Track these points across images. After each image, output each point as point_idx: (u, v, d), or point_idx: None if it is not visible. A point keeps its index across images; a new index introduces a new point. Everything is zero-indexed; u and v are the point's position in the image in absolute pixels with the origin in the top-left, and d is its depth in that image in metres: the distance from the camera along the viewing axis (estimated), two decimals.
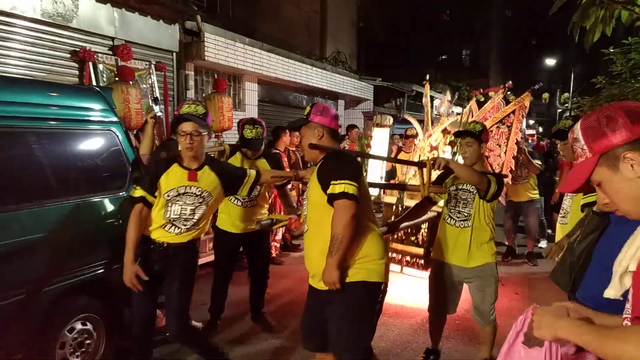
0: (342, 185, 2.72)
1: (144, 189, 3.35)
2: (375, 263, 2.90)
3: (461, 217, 3.78)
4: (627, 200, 1.38)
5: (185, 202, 3.35)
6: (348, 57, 16.70)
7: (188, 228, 3.39)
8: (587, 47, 4.39)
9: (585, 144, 1.40)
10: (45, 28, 5.84)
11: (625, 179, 1.35)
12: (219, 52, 8.55)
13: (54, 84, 4.24)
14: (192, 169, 3.39)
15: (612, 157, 1.36)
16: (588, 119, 1.42)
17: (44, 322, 3.36)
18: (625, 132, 1.33)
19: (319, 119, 2.98)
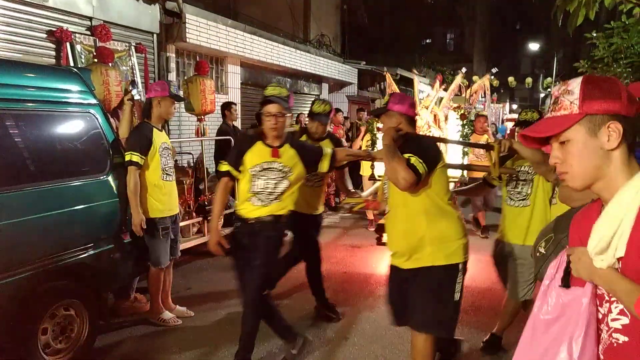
0: (412, 157, 2.94)
1: (230, 164, 3.62)
2: (454, 244, 3.09)
3: (520, 197, 3.91)
4: (584, 168, 1.37)
5: (269, 176, 3.57)
6: (332, 41, 16.60)
7: (271, 201, 3.58)
8: (570, 31, 4.39)
9: (579, 98, 1.36)
10: (21, 7, 5.70)
11: (595, 148, 1.35)
12: (201, 33, 8.42)
13: (31, 65, 4.13)
14: (275, 146, 3.60)
15: (597, 122, 1.34)
16: (592, 79, 1.40)
17: (25, 308, 3.31)
18: (620, 105, 1.33)
19: (397, 107, 3.21)
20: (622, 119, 1.33)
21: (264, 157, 3.56)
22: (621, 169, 1.36)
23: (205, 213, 5.89)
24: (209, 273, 5.95)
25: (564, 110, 1.38)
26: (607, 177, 1.37)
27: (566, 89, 1.40)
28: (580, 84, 1.38)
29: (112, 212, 4.07)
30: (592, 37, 7.00)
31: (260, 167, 3.55)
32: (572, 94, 1.38)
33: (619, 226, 1.30)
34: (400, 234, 3.15)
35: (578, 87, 1.38)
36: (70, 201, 3.68)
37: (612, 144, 1.33)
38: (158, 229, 4.31)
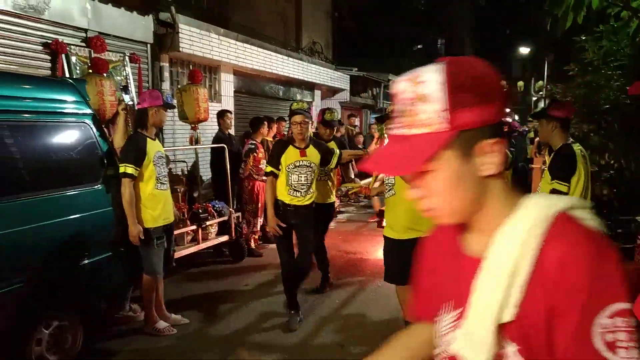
0: None
1: (272, 165, 4.62)
2: None
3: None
4: (457, 204, 0.98)
5: (300, 172, 4.59)
6: (324, 48, 16.66)
7: (305, 191, 4.64)
8: (558, 35, 4.45)
9: (447, 108, 0.91)
10: (17, 20, 5.71)
11: (471, 175, 0.95)
12: (194, 43, 8.45)
13: (27, 77, 4.17)
14: (302, 148, 4.61)
15: (471, 139, 0.93)
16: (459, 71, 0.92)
17: (19, 317, 3.32)
18: (496, 109, 0.93)
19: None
20: (497, 129, 0.94)
21: (295, 157, 4.58)
22: (502, 198, 0.99)
23: (200, 221, 5.90)
24: (204, 281, 5.95)
25: (423, 127, 0.93)
26: (483, 210, 0.99)
27: (420, 92, 0.93)
28: (445, 83, 0.91)
29: (106, 221, 4.08)
30: (581, 41, 7.07)
31: (293, 165, 4.58)
32: (431, 100, 0.92)
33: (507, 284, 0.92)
34: (405, 210, 3.75)
35: (441, 88, 0.91)
36: (65, 211, 3.70)
37: (493, 168, 0.95)
38: (152, 238, 4.32)
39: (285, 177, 4.60)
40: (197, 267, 6.40)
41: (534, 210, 0.96)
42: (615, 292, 0.87)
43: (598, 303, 0.86)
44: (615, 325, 0.85)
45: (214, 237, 6.22)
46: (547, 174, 3.83)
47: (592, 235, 0.92)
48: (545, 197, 1.00)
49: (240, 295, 5.43)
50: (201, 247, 5.92)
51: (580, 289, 0.86)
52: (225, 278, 6.04)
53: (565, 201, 0.98)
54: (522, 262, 0.91)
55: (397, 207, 3.91)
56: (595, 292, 0.86)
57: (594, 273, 0.86)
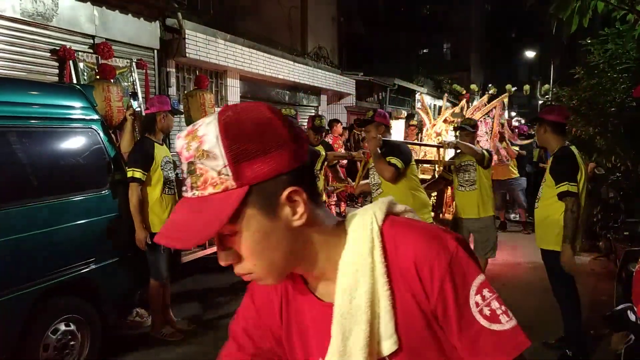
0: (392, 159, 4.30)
1: None
2: (427, 213, 4.64)
3: (468, 183, 5.29)
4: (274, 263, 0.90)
5: None
6: (329, 52, 16.69)
7: None
8: (564, 39, 4.45)
9: (228, 163, 0.82)
10: (25, 27, 5.76)
11: (281, 229, 0.87)
12: (200, 49, 8.50)
13: (35, 83, 4.21)
14: None
15: (267, 192, 0.85)
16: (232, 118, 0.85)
17: (27, 323, 3.33)
18: (287, 153, 0.85)
19: (381, 119, 4.62)
20: (296, 175, 0.86)
21: None
22: (325, 241, 0.93)
23: None
24: (211, 286, 5.96)
25: (212, 186, 0.83)
26: (311, 257, 0.93)
27: (201, 148, 0.84)
28: (219, 134, 0.83)
29: (114, 226, 4.10)
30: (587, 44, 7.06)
31: None
32: (212, 156, 0.83)
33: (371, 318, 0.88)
34: None
35: (217, 141, 0.83)
36: (72, 216, 3.72)
37: (302, 218, 0.87)
38: None
39: None
40: (204, 272, 6.41)
41: (361, 233, 0.92)
42: (471, 269, 0.90)
43: (464, 286, 0.88)
44: (484, 298, 0.89)
45: None
46: (548, 178, 3.82)
47: (424, 227, 0.94)
48: (362, 213, 0.96)
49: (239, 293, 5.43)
50: (208, 251, 5.93)
51: (445, 281, 0.87)
52: (233, 283, 6.04)
53: (380, 207, 0.96)
54: (376, 287, 0.89)
55: None
56: (458, 278, 0.88)
57: (449, 261, 0.88)
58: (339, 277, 0.92)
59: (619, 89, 6.47)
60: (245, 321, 1.15)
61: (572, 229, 3.59)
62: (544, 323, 4.38)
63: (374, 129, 4.55)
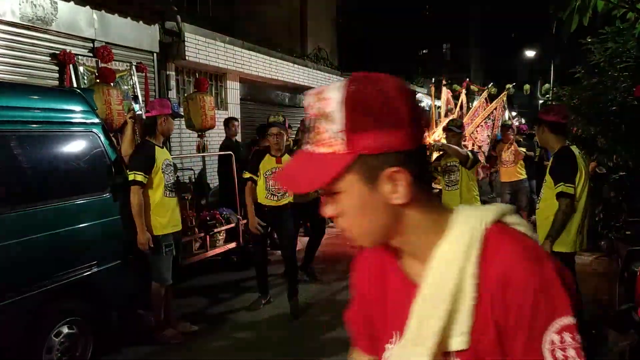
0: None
1: (250, 172, 5.08)
2: None
3: (451, 183, 5.42)
4: (367, 229, 0.94)
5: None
6: (329, 54, 16.70)
7: (282, 195, 5.13)
8: (564, 38, 4.45)
9: (344, 128, 0.87)
10: (25, 32, 5.77)
11: (378, 202, 0.90)
12: (200, 51, 8.51)
13: (35, 87, 4.21)
14: (278, 156, 5.09)
15: (373, 165, 0.88)
16: (360, 90, 0.88)
17: (30, 326, 3.34)
18: (402, 135, 0.87)
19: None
20: (405, 157, 0.88)
21: (272, 164, 5.04)
22: (426, 223, 0.94)
23: (208, 228, 5.91)
24: (212, 288, 5.97)
25: (325, 146, 0.89)
26: (405, 235, 0.94)
27: (323, 110, 0.89)
28: (344, 103, 0.87)
29: (115, 229, 4.11)
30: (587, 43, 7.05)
31: (270, 171, 5.02)
32: (331, 119, 0.88)
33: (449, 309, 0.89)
34: None
35: (340, 107, 0.87)
36: (74, 219, 3.72)
37: (401, 198, 0.89)
38: (161, 246, 4.34)
39: (263, 183, 5.10)
40: (206, 275, 6.41)
41: (465, 229, 0.92)
42: (560, 306, 0.84)
43: (545, 320, 0.84)
44: (563, 341, 0.83)
45: (222, 244, 6.22)
46: (548, 178, 3.82)
47: (528, 246, 0.90)
48: (472, 211, 0.96)
49: (248, 302, 5.43)
50: (209, 254, 5.93)
51: (526, 307, 0.84)
52: (234, 285, 6.05)
53: (493, 211, 0.95)
54: (463, 286, 0.88)
55: None
56: (540, 308, 0.84)
57: (537, 289, 0.84)
58: (431, 263, 0.92)
59: (619, 88, 6.46)
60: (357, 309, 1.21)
61: (557, 229, 3.60)
62: None
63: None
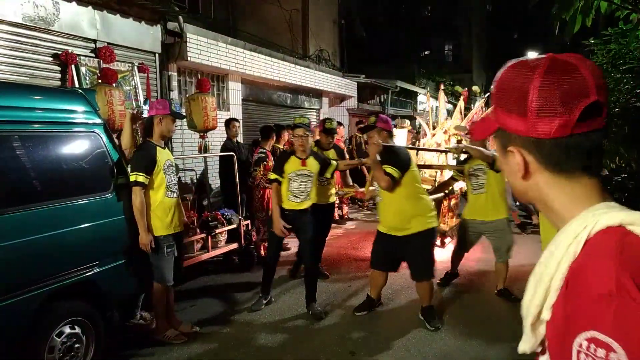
0: (388, 168, 4.48)
1: (276, 173, 5.10)
2: (430, 215, 4.70)
3: (478, 186, 5.46)
4: (514, 188, 1.11)
5: (301, 180, 5.07)
6: (331, 55, 16.70)
7: (304, 198, 5.11)
8: (567, 39, 4.43)
9: (495, 103, 1.06)
10: (27, 32, 5.78)
11: (513, 169, 1.06)
12: (202, 52, 8.51)
13: (38, 87, 4.20)
14: (303, 158, 5.11)
15: (504, 141, 1.05)
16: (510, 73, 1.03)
17: (32, 326, 3.34)
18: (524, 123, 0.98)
19: (383, 125, 4.69)
20: (527, 142, 0.99)
21: (297, 167, 5.07)
22: (565, 201, 1.01)
23: (209, 229, 5.91)
24: (214, 289, 5.96)
25: (490, 112, 1.09)
26: (544, 204, 1.06)
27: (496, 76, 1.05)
28: (495, 79, 1.04)
29: (117, 230, 4.10)
30: (590, 44, 7.03)
31: (295, 173, 5.06)
32: (493, 91, 1.06)
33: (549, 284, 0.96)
34: (393, 213, 4.67)
35: (494, 84, 1.04)
36: (76, 220, 3.71)
37: (521, 173, 1.03)
38: (163, 246, 4.34)
39: (287, 184, 5.06)
40: (207, 275, 6.41)
41: (588, 219, 0.95)
42: (604, 322, 0.83)
43: (585, 323, 0.85)
44: (589, 350, 0.83)
45: (224, 244, 6.22)
46: None
47: (622, 258, 0.86)
48: (594, 210, 0.97)
49: (249, 302, 5.42)
50: (211, 254, 5.93)
51: (579, 304, 0.87)
52: (235, 285, 6.04)
53: (624, 216, 0.93)
54: (561, 267, 0.94)
55: (385, 210, 4.77)
56: (588, 312, 0.85)
57: (596, 294, 0.84)
58: (556, 237, 0.99)
59: (622, 90, 6.43)
60: None
61: None
62: None
63: (375, 134, 4.63)
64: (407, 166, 4.57)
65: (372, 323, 4.93)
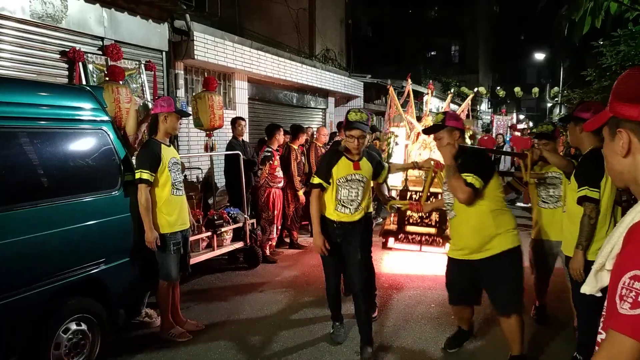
0: (469, 177, 3.58)
1: (320, 177, 4.13)
2: (514, 232, 3.74)
3: (553, 199, 4.58)
4: (612, 169, 1.36)
5: (352, 186, 4.12)
6: (337, 55, 16.70)
7: (355, 208, 4.15)
8: (576, 40, 4.40)
9: (612, 95, 1.31)
10: (35, 29, 5.80)
11: (614, 152, 1.32)
12: (209, 50, 8.52)
13: (45, 84, 4.22)
14: (356, 160, 4.15)
15: (614, 125, 1.31)
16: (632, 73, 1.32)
17: (38, 322, 3.34)
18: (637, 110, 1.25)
19: (454, 123, 3.74)
20: (634, 125, 1.26)
21: (348, 170, 4.12)
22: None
23: (215, 227, 5.91)
24: (219, 287, 5.96)
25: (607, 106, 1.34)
26: (636, 184, 1.32)
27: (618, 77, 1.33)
28: (618, 78, 1.31)
29: (124, 227, 4.10)
30: (598, 46, 7.00)
31: (345, 178, 4.11)
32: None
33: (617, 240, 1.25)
34: (471, 231, 3.73)
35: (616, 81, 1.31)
36: (83, 217, 3.72)
37: (623, 150, 1.29)
38: (169, 244, 4.34)
39: (333, 191, 4.13)
40: (212, 274, 6.41)
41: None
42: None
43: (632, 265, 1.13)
44: (630, 285, 1.11)
45: (229, 243, 6.22)
46: (573, 182, 3.66)
47: None
48: None
49: (254, 301, 5.42)
50: (216, 253, 5.93)
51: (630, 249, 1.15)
52: (240, 284, 6.04)
53: None
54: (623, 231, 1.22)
55: (460, 227, 3.85)
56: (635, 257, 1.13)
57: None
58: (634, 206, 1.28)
59: None
60: None
61: (586, 236, 3.45)
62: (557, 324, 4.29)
63: (447, 135, 3.73)
64: (490, 174, 3.69)
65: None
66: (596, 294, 1.40)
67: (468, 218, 3.73)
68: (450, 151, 3.70)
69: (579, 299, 3.67)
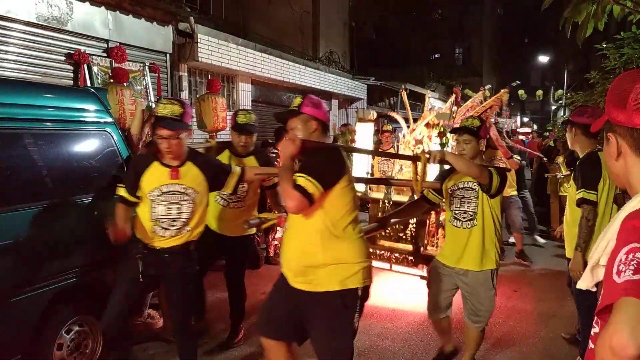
0: (300, 178, 2.56)
1: (126, 188, 3.28)
2: (352, 268, 2.69)
3: (467, 217, 3.55)
4: (611, 172, 1.42)
5: (170, 201, 3.19)
6: (341, 57, 16.71)
7: (178, 229, 3.24)
8: (579, 43, 4.41)
9: (606, 100, 1.37)
10: (40, 31, 5.84)
11: (609, 155, 1.37)
12: (212, 53, 8.55)
13: (50, 86, 4.23)
14: (174, 166, 3.22)
15: (608, 128, 1.36)
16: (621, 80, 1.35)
17: (41, 323, 3.35)
18: (623, 114, 1.29)
19: (312, 110, 2.77)
20: (621, 129, 1.31)
21: (162, 180, 3.20)
22: (634, 178, 1.33)
23: None
24: (221, 288, 5.95)
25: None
26: (628, 184, 1.36)
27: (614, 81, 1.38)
28: (613, 81, 1.35)
29: None
30: (602, 48, 6.99)
31: (159, 190, 3.20)
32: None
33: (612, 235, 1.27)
34: (294, 251, 2.78)
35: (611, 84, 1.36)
36: (86, 218, 3.73)
37: (614, 155, 1.35)
38: None
39: (147, 208, 3.24)
40: (215, 274, 6.40)
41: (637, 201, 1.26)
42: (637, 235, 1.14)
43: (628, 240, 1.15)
44: (627, 259, 1.11)
45: None
46: (572, 185, 3.67)
47: None
48: None
49: (257, 302, 5.41)
50: None
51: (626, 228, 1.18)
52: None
53: None
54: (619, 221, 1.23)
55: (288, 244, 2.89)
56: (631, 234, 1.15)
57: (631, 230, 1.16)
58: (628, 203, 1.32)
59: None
60: None
61: (585, 238, 3.43)
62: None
63: (301, 124, 2.78)
64: (335, 179, 2.66)
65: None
66: (592, 289, 1.42)
67: (297, 233, 2.79)
68: (292, 146, 2.66)
69: (581, 301, 3.67)
